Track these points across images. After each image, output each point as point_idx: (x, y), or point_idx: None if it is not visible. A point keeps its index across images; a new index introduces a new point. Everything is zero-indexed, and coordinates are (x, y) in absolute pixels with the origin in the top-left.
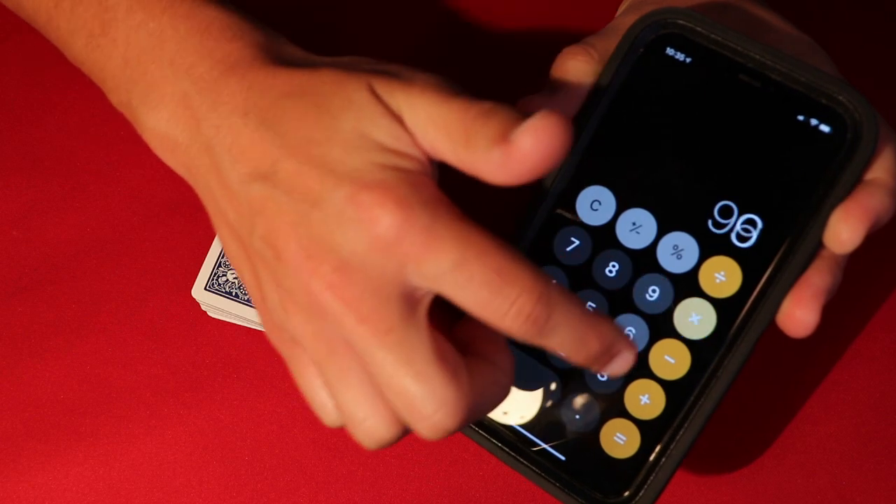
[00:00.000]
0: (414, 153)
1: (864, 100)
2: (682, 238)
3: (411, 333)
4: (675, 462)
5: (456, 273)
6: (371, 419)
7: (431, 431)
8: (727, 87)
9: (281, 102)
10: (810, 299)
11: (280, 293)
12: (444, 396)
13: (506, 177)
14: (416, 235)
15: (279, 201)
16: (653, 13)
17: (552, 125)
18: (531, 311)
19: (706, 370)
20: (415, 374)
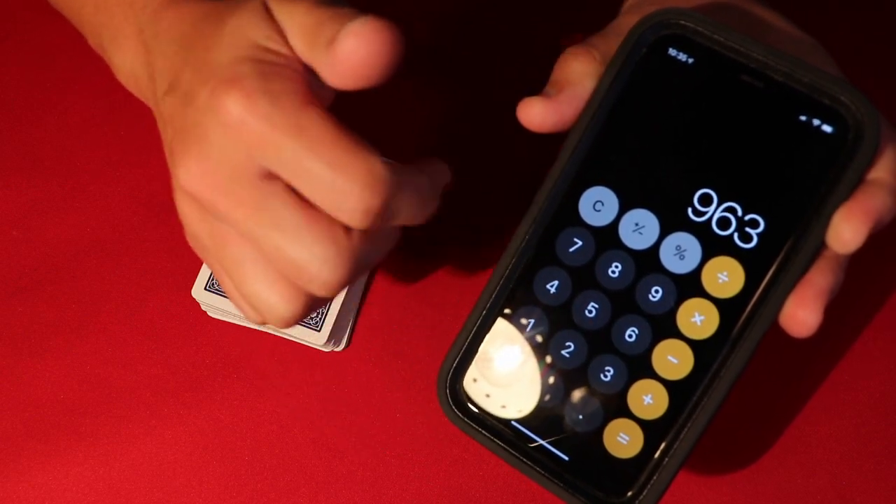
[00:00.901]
0: (283, 51)
1: (866, 100)
2: (685, 238)
3: (276, 207)
4: (678, 462)
5: (292, 163)
6: (274, 297)
7: (324, 288)
8: (729, 87)
9: (197, 24)
10: (813, 299)
11: (178, 198)
12: (324, 255)
13: (334, 79)
14: (256, 122)
15: (175, 107)
16: (655, 14)
17: (372, 30)
18: (367, 206)
19: (709, 370)
20: (291, 242)
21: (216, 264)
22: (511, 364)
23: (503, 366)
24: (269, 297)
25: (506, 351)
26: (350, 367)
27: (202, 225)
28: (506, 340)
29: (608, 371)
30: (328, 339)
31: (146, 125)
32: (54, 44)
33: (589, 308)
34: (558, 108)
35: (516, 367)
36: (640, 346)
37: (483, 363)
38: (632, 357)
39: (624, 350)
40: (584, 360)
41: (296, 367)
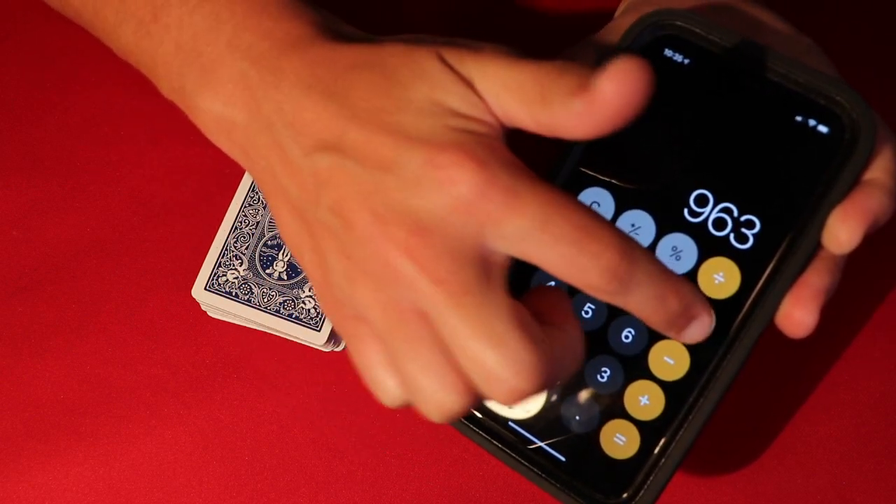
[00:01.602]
0: (487, 119)
1: (861, 100)
2: (681, 239)
3: (489, 297)
4: (674, 463)
5: (539, 232)
6: (441, 391)
7: (508, 396)
8: (725, 88)
9: (346, 75)
10: (809, 300)
11: (347, 264)
12: (522, 360)
13: (589, 126)
14: (498, 195)
15: (349, 170)
16: (651, 14)
17: (633, 67)
18: (616, 266)
19: (705, 371)
20: (492, 338)
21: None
22: None
23: None
24: (439, 391)
25: None
26: (350, 367)
27: (377, 296)
28: None
29: (605, 372)
30: (328, 339)
31: (146, 125)
32: (54, 44)
33: (585, 309)
34: None
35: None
36: (637, 347)
37: None
38: (628, 358)
39: (620, 351)
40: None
41: (296, 367)
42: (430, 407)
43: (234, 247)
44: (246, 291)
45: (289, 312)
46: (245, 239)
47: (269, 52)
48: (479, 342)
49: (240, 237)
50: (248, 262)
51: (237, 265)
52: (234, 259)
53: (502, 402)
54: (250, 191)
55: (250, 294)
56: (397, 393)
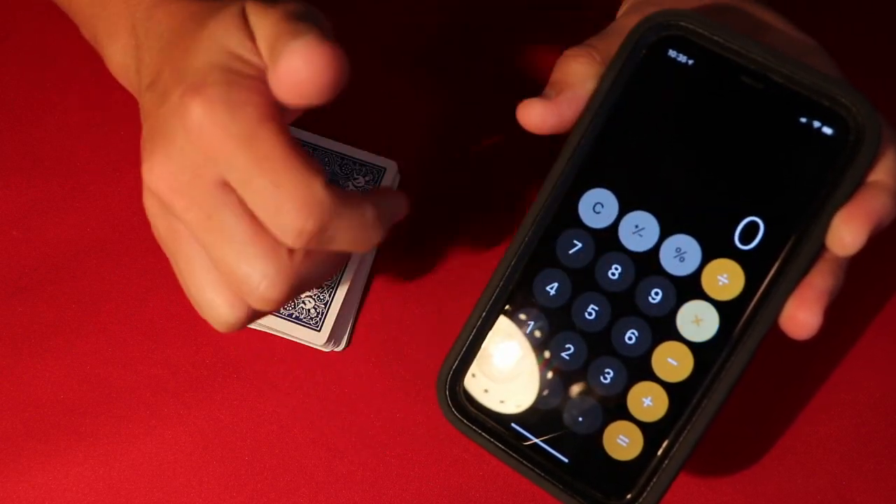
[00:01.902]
0: (254, 60)
1: (866, 102)
2: (685, 241)
3: (227, 217)
4: (677, 464)
5: (240, 174)
6: (216, 300)
7: (261, 303)
8: (729, 89)
9: (182, 23)
10: (813, 301)
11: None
12: (264, 271)
13: (279, 93)
14: (213, 130)
15: (153, 105)
16: (655, 15)
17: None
18: (302, 227)
19: (709, 372)
20: (235, 255)
21: (171, 259)
22: (509, 366)
23: (501, 369)
24: (213, 301)
25: (506, 353)
26: (350, 367)
27: (161, 221)
28: (506, 342)
29: (608, 373)
30: (328, 339)
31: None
32: (54, 44)
33: (589, 310)
34: (558, 109)
35: (516, 369)
36: (640, 349)
37: (483, 365)
38: (631, 359)
39: (624, 352)
40: (584, 361)
41: (296, 367)
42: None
43: None
44: None
45: (289, 312)
46: None
47: (151, 6)
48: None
49: None
50: None
51: None
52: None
53: (260, 307)
54: None
55: None
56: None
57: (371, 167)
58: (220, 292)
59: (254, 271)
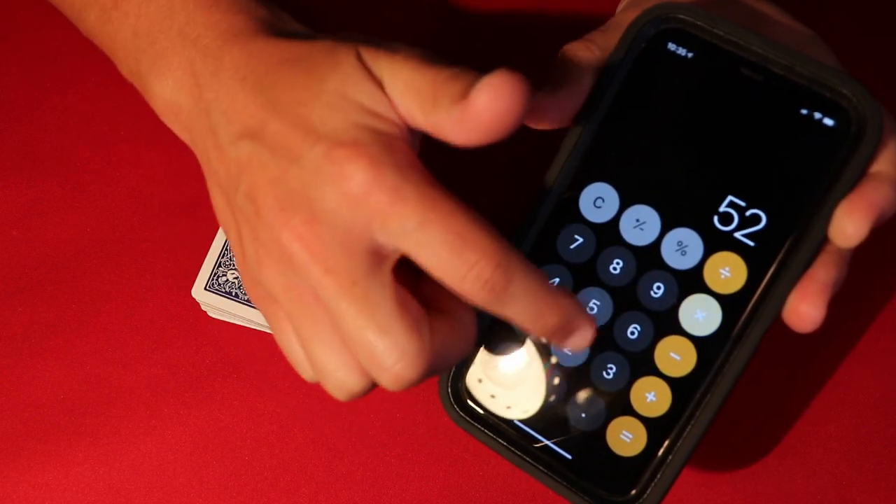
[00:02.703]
0: (391, 117)
1: (867, 92)
2: (687, 234)
3: (374, 287)
4: (682, 460)
5: (418, 233)
6: (340, 371)
7: (393, 382)
8: (730, 81)
9: (277, 69)
10: (816, 294)
11: (256, 247)
12: (404, 348)
13: (463, 134)
14: (384, 193)
15: (263, 158)
16: (654, 8)
17: (507, 83)
18: (489, 276)
19: (712, 367)
20: (376, 326)
21: (280, 317)
22: (513, 363)
23: (505, 365)
24: (338, 371)
25: (508, 350)
26: None
27: (280, 279)
28: (508, 339)
29: (611, 369)
30: None
31: (146, 125)
32: (54, 44)
33: (591, 305)
34: (558, 104)
35: (518, 367)
36: (643, 343)
37: (485, 363)
38: (634, 354)
39: (626, 347)
40: (587, 357)
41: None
42: (331, 385)
43: None
44: (246, 291)
45: None
46: None
47: (214, 42)
48: (364, 330)
49: None
50: None
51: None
52: (234, 259)
53: (389, 387)
54: None
55: None
56: (311, 370)
57: None
58: (345, 361)
59: (393, 347)
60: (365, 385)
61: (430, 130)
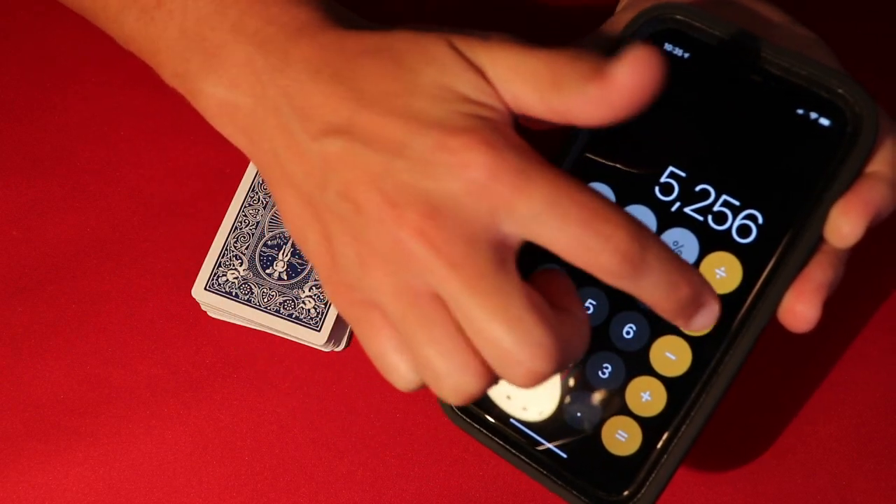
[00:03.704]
0: (497, 105)
1: (864, 92)
2: (682, 234)
3: (504, 280)
4: (676, 459)
5: (550, 213)
6: (457, 372)
7: (526, 377)
8: (726, 81)
9: (355, 60)
10: (811, 294)
11: (357, 248)
12: (539, 341)
13: (604, 112)
14: (509, 177)
15: (358, 153)
16: (651, 9)
17: (649, 55)
18: (627, 248)
19: (707, 366)
20: (508, 321)
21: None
22: None
23: None
24: (453, 371)
25: None
26: (350, 367)
27: (390, 280)
28: None
29: (606, 368)
30: (328, 339)
31: (146, 125)
32: (54, 44)
33: (586, 305)
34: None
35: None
36: (638, 343)
37: None
38: (629, 354)
39: (622, 347)
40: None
41: (296, 367)
42: (446, 389)
43: (234, 247)
44: (246, 291)
45: (289, 312)
46: (245, 239)
47: (276, 36)
48: (495, 324)
49: (240, 237)
50: (248, 262)
51: (237, 265)
52: (234, 259)
53: (519, 383)
54: (250, 191)
55: (250, 294)
56: (411, 377)
57: None
58: (464, 362)
59: (526, 341)
60: (485, 385)
61: (552, 114)
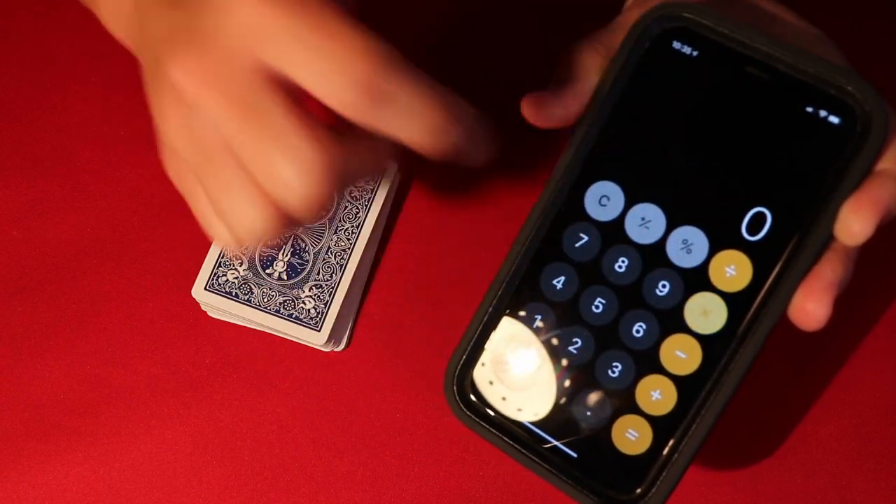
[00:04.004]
0: None
1: (873, 90)
2: (692, 232)
3: (270, 106)
4: (687, 458)
5: (290, 42)
6: (248, 212)
7: (300, 200)
8: (734, 79)
9: None
10: (821, 292)
11: (159, 101)
12: (308, 159)
13: None
14: (256, 11)
15: (171, 20)
16: (658, 7)
17: None
18: (364, 78)
19: (718, 365)
20: (277, 144)
21: (190, 180)
22: (518, 362)
23: (510, 365)
24: (245, 211)
25: (512, 348)
26: (350, 367)
27: (183, 131)
28: (512, 338)
29: (616, 367)
30: (328, 339)
31: (146, 125)
32: (54, 44)
33: (596, 303)
34: (563, 103)
35: (523, 365)
36: (648, 342)
37: (491, 362)
38: (639, 352)
39: (631, 345)
40: (592, 355)
41: (296, 367)
42: (241, 229)
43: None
44: (246, 291)
45: (289, 312)
46: None
47: None
48: (266, 151)
49: None
50: (247, 262)
51: (237, 265)
52: (234, 259)
53: (298, 208)
54: None
55: (250, 294)
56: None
57: None
58: (255, 203)
59: (295, 161)
60: (272, 219)
61: None
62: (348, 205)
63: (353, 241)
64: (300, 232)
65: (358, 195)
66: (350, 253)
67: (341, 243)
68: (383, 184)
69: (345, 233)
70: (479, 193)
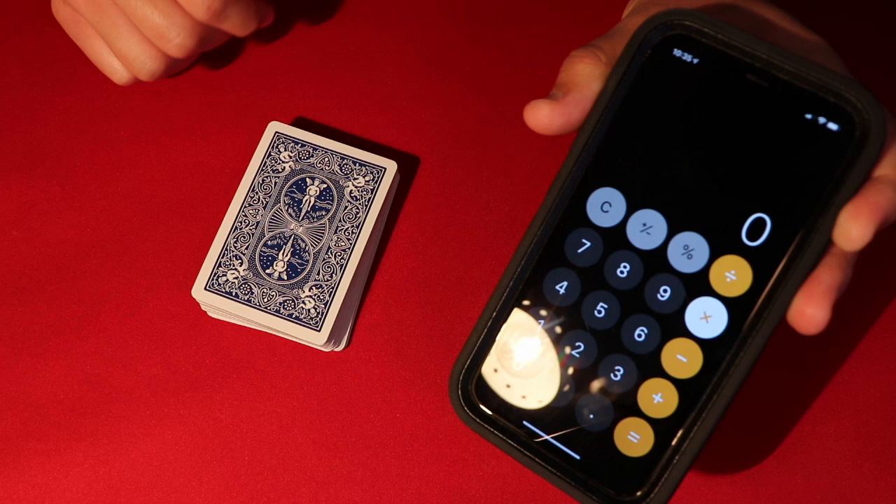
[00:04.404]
0: None
1: (872, 97)
2: (693, 238)
3: None
4: (688, 460)
5: None
6: (141, 55)
7: (178, 51)
8: (735, 87)
9: None
10: (821, 296)
11: None
12: (182, 24)
13: None
14: None
15: None
16: (660, 14)
17: None
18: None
19: (718, 368)
20: (159, 11)
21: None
22: (521, 366)
23: (513, 368)
24: (139, 54)
25: (515, 353)
26: (350, 367)
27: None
28: (515, 342)
29: (618, 370)
30: (328, 339)
31: (146, 125)
32: (54, 44)
33: (598, 308)
34: (565, 110)
35: (526, 369)
36: (650, 346)
37: (496, 362)
38: (641, 356)
39: (633, 349)
40: (594, 359)
41: (296, 367)
42: (137, 68)
43: (234, 247)
44: (246, 291)
45: (289, 312)
46: (245, 239)
47: None
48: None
49: (240, 237)
50: (248, 262)
51: (237, 265)
52: (234, 259)
53: (175, 54)
54: (250, 191)
55: (250, 294)
56: (123, 71)
57: (371, 167)
58: (144, 46)
59: (173, 25)
60: (162, 61)
61: None
62: (348, 205)
63: (353, 241)
64: (299, 232)
65: (358, 195)
66: (350, 253)
67: (341, 243)
68: (383, 184)
69: (345, 233)
70: (479, 194)
